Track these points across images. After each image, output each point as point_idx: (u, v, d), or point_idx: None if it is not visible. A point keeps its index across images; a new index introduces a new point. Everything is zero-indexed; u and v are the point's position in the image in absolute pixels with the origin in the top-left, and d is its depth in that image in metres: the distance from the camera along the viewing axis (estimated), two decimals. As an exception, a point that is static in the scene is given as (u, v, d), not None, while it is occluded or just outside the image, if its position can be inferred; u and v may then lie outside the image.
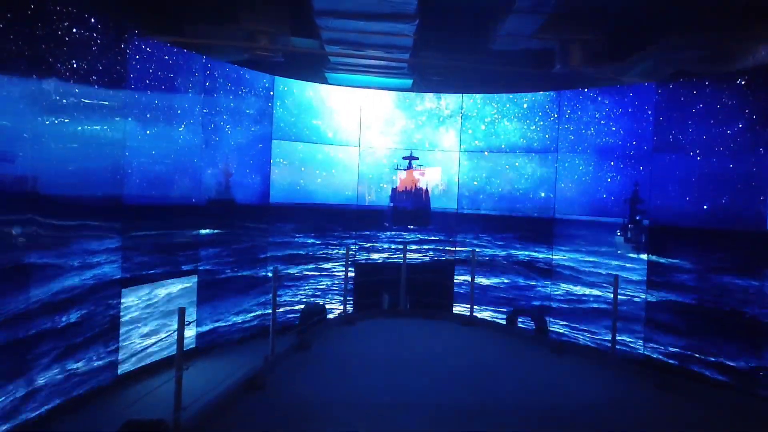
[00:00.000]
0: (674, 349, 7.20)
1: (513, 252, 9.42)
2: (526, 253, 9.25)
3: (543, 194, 9.12)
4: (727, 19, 7.31)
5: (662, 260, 7.45)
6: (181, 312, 4.94)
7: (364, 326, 8.55)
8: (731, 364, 6.58)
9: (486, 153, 9.70)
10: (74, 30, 5.31)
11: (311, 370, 6.44)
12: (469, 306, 9.01)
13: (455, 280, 9.83)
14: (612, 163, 8.19)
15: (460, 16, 8.42)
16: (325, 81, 10.23)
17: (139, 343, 6.41)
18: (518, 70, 9.64)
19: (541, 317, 8.87)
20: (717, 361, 6.73)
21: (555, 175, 8.94)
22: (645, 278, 7.58)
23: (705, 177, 6.95)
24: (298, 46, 9.29)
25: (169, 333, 6.56)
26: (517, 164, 9.45)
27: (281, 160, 8.93)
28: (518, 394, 5.99)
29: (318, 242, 9.47)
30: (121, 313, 6.16)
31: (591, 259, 8.43)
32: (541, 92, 9.21)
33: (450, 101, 9.98)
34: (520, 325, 9.03)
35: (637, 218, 7.72)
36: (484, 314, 9.50)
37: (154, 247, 6.65)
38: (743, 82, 6.65)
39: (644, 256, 7.63)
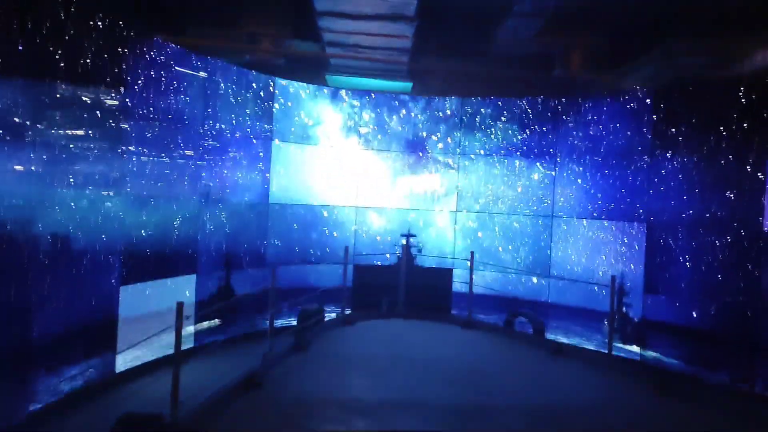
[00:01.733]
0: None
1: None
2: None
3: (535, 280, 9.24)
4: (728, 25, 7.30)
5: (651, 353, 7.44)
6: (179, 307, 4.91)
7: (362, 327, 8.48)
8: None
9: (480, 234, 9.88)
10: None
11: (309, 369, 6.42)
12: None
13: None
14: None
15: (460, 19, 8.56)
16: (325, 83, 10.36)
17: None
18: (517, 73, 9.73)
19: (538, 319, 8.83)
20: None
21: (548, 285, 9.06)
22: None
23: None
24: (299, 49, 9.48)
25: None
26: (510, 247, 9.60)
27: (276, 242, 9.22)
28: (516, 395, 5.95)
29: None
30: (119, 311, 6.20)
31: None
32: (540, 173, 9.40)
33: (445, 180, 10.24)
34: (517, 327, 8.97)
35: (624, 310, 7.76)
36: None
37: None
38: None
39: (635, 348, 7.63)
